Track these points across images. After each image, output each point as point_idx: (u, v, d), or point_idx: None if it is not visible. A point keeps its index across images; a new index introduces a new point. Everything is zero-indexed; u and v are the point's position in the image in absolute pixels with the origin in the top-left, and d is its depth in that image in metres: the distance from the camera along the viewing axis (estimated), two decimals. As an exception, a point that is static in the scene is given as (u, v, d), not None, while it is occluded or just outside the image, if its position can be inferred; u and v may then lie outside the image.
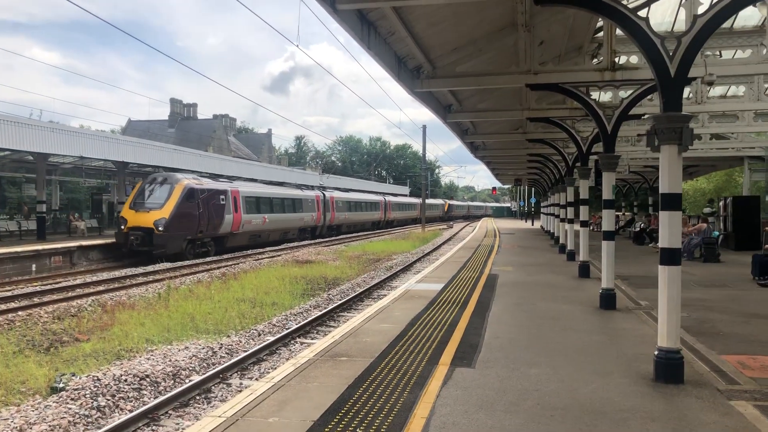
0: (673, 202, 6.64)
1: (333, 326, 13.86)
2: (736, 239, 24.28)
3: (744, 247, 23.44)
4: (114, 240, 26.95)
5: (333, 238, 45.11)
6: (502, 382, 6.57)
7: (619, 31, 12.41)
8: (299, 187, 46.00)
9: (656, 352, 6.74)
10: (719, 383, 6.63)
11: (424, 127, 56.20)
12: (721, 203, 27.03)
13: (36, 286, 19.34)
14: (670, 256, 6.64)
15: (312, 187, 48.00)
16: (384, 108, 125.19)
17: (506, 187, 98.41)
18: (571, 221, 22.05)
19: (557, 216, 29.06)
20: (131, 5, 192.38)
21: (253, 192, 34.87)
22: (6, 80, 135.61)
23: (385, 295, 17.27)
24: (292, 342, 12.24)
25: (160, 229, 25.88)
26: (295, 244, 37.55)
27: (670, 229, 6.64)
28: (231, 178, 35.88)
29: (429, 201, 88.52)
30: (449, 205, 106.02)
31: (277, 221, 37.39)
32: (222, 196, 30.64)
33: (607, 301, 11.33)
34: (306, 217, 42.34)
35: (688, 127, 6.56)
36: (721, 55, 14.57)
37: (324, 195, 46.52)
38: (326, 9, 7.69)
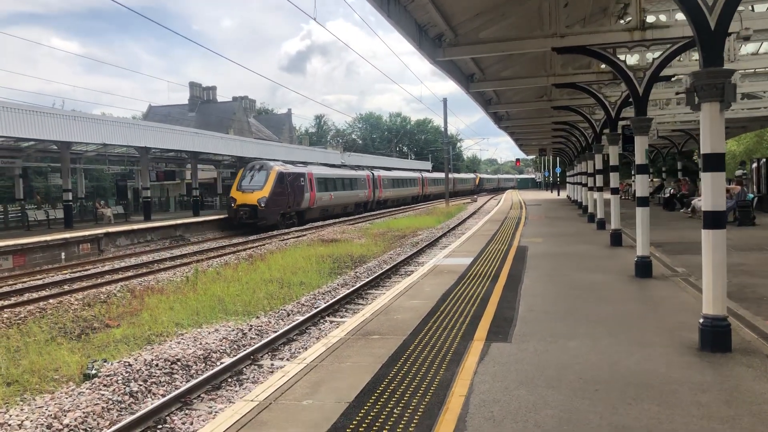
0: (716, 162, 6.30)
1: (362, 304, 13.72)
2: (771, 201, 23.67)
3: (779, 209, 22.86)
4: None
5: (359, 216, 45.17)
6: (540, 357, 6.34)
7: (647, -11, 11.97)
8: (353, 168, 52.73)
9: (701, 320, 6.45)
10: (769, 350, 6.34)
11: (445, 100, 55.51)
12: (753, 165, 26.32)
13: (66, 273, 19.48)
14: (714, 219, 6.33)
15: (362, 168, 54.93)
16: (403, 83, 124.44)
17: (530, 158, 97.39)
18: (600, 189, 21.57)
19: (585, 185, 28.54)
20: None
21: (322, 174, 41.27)
22: (28, 71, 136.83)
23: (413, 272, 17.09)
24: (322, 321, 12.13)
25: (262, 205, 32.26)
26: (320, 223, 37.66)
27: (713, 191, 6.32)
28: (305, 164, 42.37)
29: (462, 175, 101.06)
30: (480, 178, 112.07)
31: (340, 197, 44.18)
32: (302, 178, 37.06)
33: (643, 268, 11.00)
34: (360, 194, 49.02)
35: (731, 83, 6.20)
36: (753, 9, 13.98)
37: (373, 174, 52.68)
38: (343, -24, 7.39)
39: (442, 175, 79.82)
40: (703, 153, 6.38)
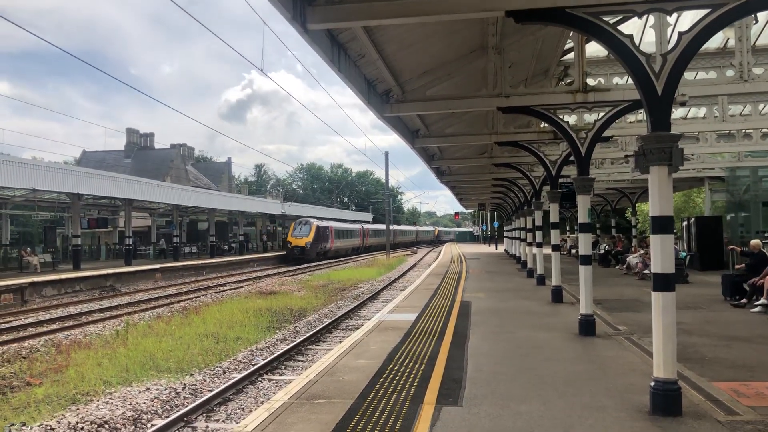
0: (664, 225, 6.36)
1: (302, 360, 13.30)
2: (701, 259, 24.47)
3: (709, 266, 23.64)
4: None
5: (298, 268, 45.04)
6: (493, 422, 6.13)
7: (589, 53, 12.38)
8: (352, 222, 75.82)
9: (652, 384, 6.39)
10: (718, 414, 6.30)
11: (387, 153, 56.23)
12: (684, 224, 27.30)
13: (-16, 326, 18.26)
14: (664, 282, 6.34)
15: (356, 222, 78.29)
16: (345, 134, 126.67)
17: (468, 211, 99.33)
18: (539, 245, 21.87)
19: (523, 240, 28.97)
20: (85, 36, 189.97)
21: (337, 227, 60.84)
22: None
23: (355, 326, 16.77)
24: (260, 379, 11.62)
25: (307, 246, 50.78)
26: (258, 274, 37.30)
27: (662, 253, 6.35)
28: (328, 219, 61.89)
29: (424, 228, 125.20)
30: (438, 231, 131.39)
31: (346, 243, 64.33)
32: (327, 230, 56.26)
33: (587, 327, 11.02)
34: (356, 241, 69.18)
35: (678, 147, 6.33)
36: (684, 76, 14.65)
37: (363, 227, 73.41)
38: (297, 29, 7.29)
39: (408, 227, 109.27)
40: (652, 215, 6.44)
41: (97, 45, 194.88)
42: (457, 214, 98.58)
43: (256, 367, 12.14)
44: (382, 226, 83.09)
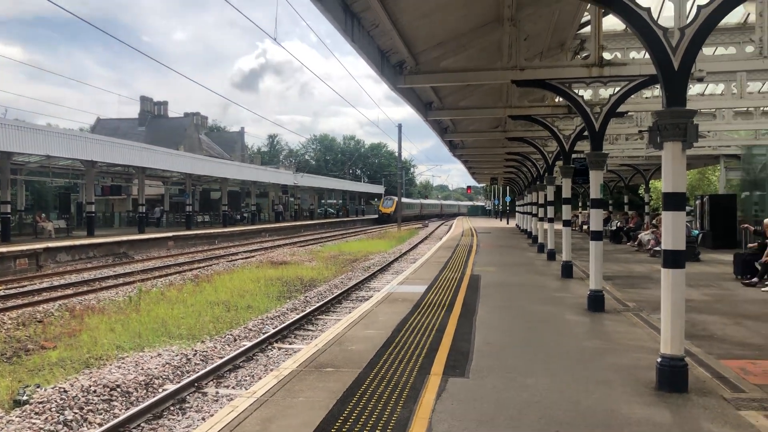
0: (677, 201, 6.32)
1: (311, 330, 13.42)
2: (714, 237, 24.33)
3: (722, 245, 23.50)
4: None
5: (310, 238, 45.22)
6: (499, 394, 6.18)
7: (606, 26, 12.19)
8: (413, 197, 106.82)
9: (659, 360, 6.41)
10: (724, 391, 6.32)
11: (400, 125, 56.28)
12: (697, 202, 27.09)
13: None
14: (674, 259, 6.32)
15: (416, 197, 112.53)
16: (358, 106, 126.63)
17: (480, 185, 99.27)
18: (551, 220, 21.80)
19: (535, 215, 28.89)
20: (98, 2, 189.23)
21: (406, 201, 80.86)
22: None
23: (365, 297, 16.88)
24: (270, 347, 11.76)
25: (392, 214, 74.71)
26: (269, 244, 37.53)
27: (674, 230, 6.32)
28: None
29: (465, 203, 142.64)
30: (469, 206, 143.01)
31: (411, 212, 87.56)
32: (403, 203, 73.00)
33: (596, 302, 11.03)
34: (416, 211, 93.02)
35: (693, 123, 6.26)
36: (702, 51, 14.40)
37: (422, 202, 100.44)
38: (309, -3, 7.25)
39: (453, 202, 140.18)
40: (664, 192, 6.40)
41: (109, 11, 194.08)
42: (469, 188, 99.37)
43: (266, 335, 12.28)
44: (435, 201, 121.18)
